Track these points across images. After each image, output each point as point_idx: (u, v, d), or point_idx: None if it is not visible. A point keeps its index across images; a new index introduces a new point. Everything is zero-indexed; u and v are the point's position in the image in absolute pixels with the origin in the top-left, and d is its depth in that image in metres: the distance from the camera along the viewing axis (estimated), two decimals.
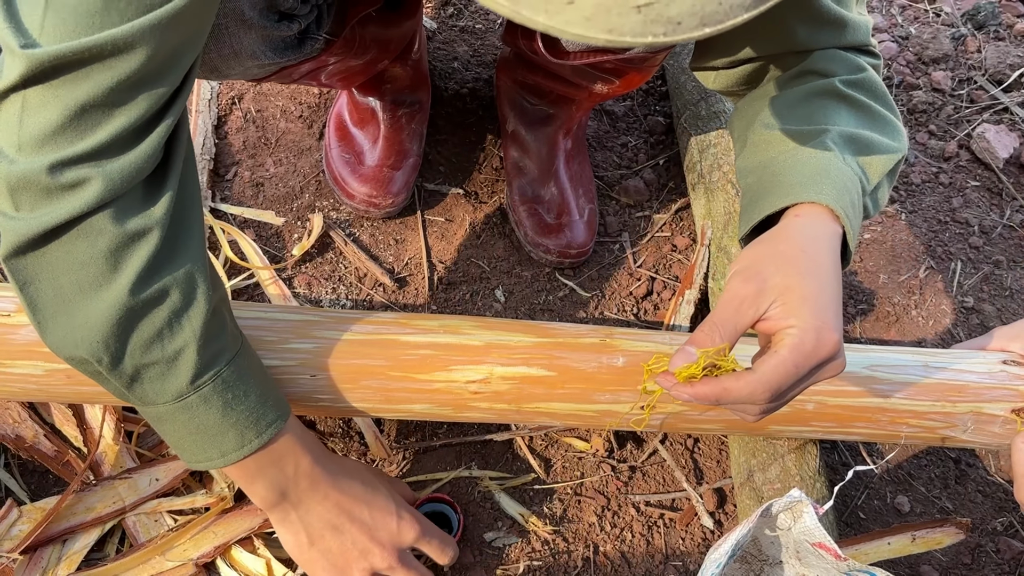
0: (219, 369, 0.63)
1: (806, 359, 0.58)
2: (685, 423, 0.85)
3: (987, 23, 1.53)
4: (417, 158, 1.16)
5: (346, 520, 0.74)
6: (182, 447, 0.66)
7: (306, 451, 0.72)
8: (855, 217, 0.66)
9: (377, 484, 0.78)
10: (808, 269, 0.60)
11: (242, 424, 0.65)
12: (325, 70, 0.90)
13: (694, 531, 0.99)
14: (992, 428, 0.84)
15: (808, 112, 0.72)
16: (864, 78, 0.74)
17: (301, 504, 0.73)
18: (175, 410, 0.63)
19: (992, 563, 1.02)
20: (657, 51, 0.86)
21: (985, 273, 1.25)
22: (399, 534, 0.76)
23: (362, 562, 0.75)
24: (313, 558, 0.75)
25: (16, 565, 0.84)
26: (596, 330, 0.85)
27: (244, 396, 0.65)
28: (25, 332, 0.74)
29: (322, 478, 0.73)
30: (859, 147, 0.69)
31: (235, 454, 0.66)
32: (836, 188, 0.65)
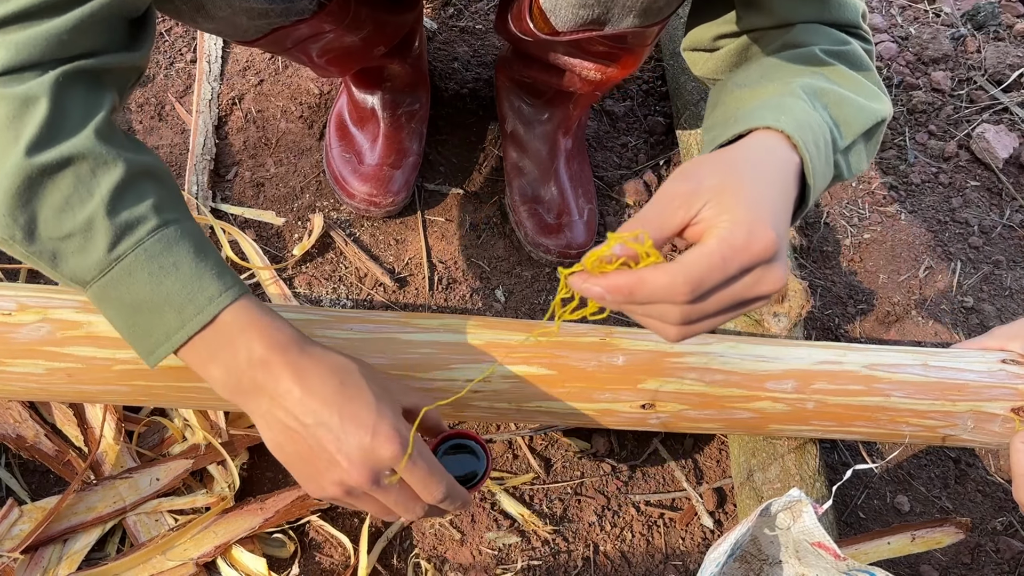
0: (141, 238, 0.60)
1: (735, 253, 0.52)
2: (685, 422, 0.85)
3: (987, 23, 1.54)
4: (417, 157, 1.16)
5: (308, 425, 0.61)
6: (132, 335, 0.63)
7: (262, 336, 0.62)
8: (819, 158, 0.61)
9: (363, 388, 0.63)
10: (750, 174, 0.55)
11: (179, 300, 0.60)
12: (319, 42, 0.89)
13: (694, 531, 0.99)
14: (992, 427, 0.84)
15: (783, 73, 0.70)
16: (847, 50, 0.71)
17: (259, 398, 0.63)
18: (104, 287, 0.60)
19: (992, 563, 1.02)
20: (647, 25, 0.85)
21: (985, 273, 1.25)
22: (371, 451, 0.61)
23: (330, 475, 0.62)
24: (285, 460, 0.66)
25: (17, 564, 0.84)
26: (596, 329, 0.85)
27: (175, 268, 0.60)
28: (26, 331, 0.74)
29: (282, 370, 0.61)
30: (831, 101, 0.65)
31: (179, 335, 0.61)
32: (796, 121, 0.61)
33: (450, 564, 0.94)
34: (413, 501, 0.64)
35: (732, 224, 0.52)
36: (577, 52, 0.95)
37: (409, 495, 0.64)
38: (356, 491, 0.63)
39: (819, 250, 1.25)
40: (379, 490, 0.62)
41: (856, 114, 0.66)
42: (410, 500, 0.64)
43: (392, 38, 1.02)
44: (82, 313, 0.76)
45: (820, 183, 0.62)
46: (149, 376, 0.76)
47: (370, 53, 1.01)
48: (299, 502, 0.92)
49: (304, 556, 0.93)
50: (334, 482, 0.62)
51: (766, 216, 0.53)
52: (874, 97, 0.69)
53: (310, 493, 0.65)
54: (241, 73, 1.28)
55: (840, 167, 0.66)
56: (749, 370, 0.83)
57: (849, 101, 0.66)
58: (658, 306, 0.54)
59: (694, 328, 0.56)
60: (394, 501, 0.63)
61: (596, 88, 1.05)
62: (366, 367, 0.65)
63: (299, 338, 0.64)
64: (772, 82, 0.69)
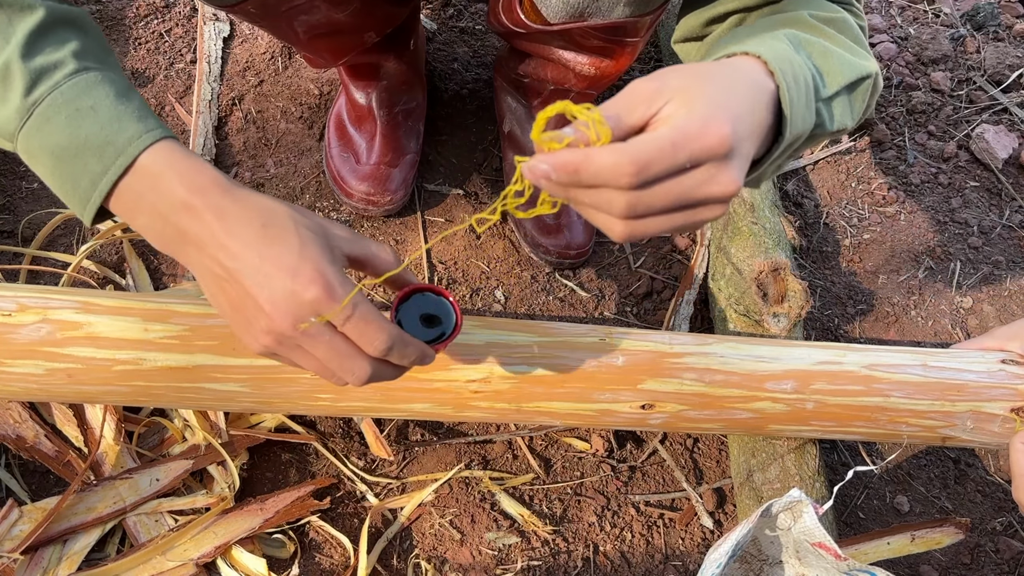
0: (57, 82, 0.58)
1: (686, 140, 0.50)
2: (685, 423, 0.85)
3: (986, 24, 1.54)
4: (415, 155, 1.17)
5: (231, 270, 0.58)
6: (63, 189, 0.61)
7: (183, 179, 0.58)
8: (797, 92, 0.59)
9: (287, 230, 0.58)
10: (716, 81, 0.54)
11: (99, 143, 0.58)
12: (305, 14, 0.88)
13: (694, 531, 0.99)
14: (991, 427, 0.84)
15: (768, 27, 0.69)
16: (837, 17, 0.71)
17: (187, 247, 0.60)
18: (27, 137, 0.59)
19: (991, 563, 1.02)
20: (638, 15, 0.85)
21: (984, 273, 1.25)
22: (292, 294, 0.56)
23: (258, 324, 0.59)
24: (221, 312, 0.62)
25: (17, 565, 0.84)
26: (596, 330, 0.85)
27: (92, 111, 0.58)
28: (26, 331, 0.74)
29: (204, 214, 0.58)
30: (816, 51, 0.64)
31: (103, 181, 0.59)
32: (775, 52, 0.59)
33: (450, 564, 0.94)
34: (353, 355, 0.59)
35: (688, 113, 0.51)
36: (571, 46, 0.95)
37: (347, 347, 0.59)
38: (286, 340, 0.58)
39: (819, 250, 1.25)
40: (308, 339, 0.58)
41: (840, 65, 0.64)
42: (349, 353, 0.59)
43: (383, 24, 1.01)
44: (82, 314, 0.76)
45: (799, 122, 0.60)
46: (149, 376, 0.76)
47: (360, 38, 1.00)
48: (299, 503, 0.92)
49: (304, 556, 0.93)
50: (263, 331, 0.59)
51: (725, 114, 0.51)
52: (861, 56, 0.68)
53: (248, 348, 0.61)
54: (241, 74, 1.28)
55: (822, 115, 0.64)
56: (749, 370, 0.83)
57: (834, 53, 0.65)
58: (604, 193, 0.51)
59: (640, 225, 0.53)
60: (330, 353, 0.58)
61: (592, 84, 1.05)
62: (301, 212, 0.61)
63: (223, 181, 0.60)
64: (754, 35, 0.67)
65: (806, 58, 0.63)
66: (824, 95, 0.63)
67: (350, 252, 0.62)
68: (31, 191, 1.15)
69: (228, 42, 1.31)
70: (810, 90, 0.62)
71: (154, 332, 0.76)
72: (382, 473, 0.99)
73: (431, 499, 0.97)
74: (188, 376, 0.77)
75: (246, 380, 0.78)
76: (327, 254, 0.58)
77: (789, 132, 0.59)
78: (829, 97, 0.64)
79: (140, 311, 0.77)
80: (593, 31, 0.87)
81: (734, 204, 1.11)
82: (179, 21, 1.33)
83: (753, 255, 1.05)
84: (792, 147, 0.63)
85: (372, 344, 0.58)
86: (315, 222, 0.60)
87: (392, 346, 0.59)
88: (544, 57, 1.01)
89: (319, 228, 0.60)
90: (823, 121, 0.64)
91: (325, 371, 0.60)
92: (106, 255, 1.10)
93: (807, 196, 1.31)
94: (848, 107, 0.66)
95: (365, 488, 0.97)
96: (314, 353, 0.59)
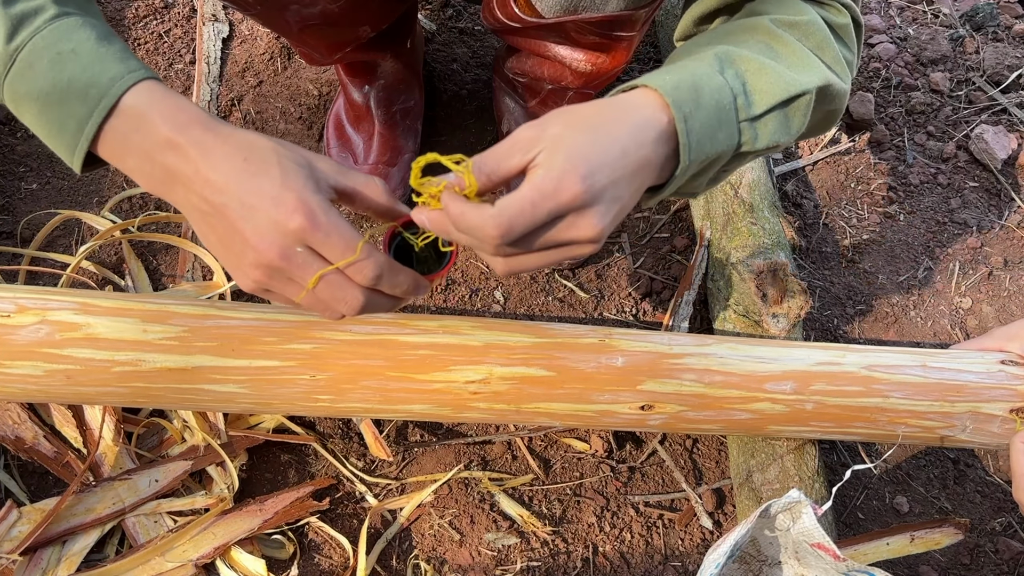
0: (38, 26, 0.59)
1: (542, 199, 0.54)
2: (684, 423, 0.85)
3: (985, 24, 1.54)
4: (413, 155, 1.17)
5: (216, 205, 0.58)
6: (49, 136, 0.61)
7: (165, 117, 0.58)
8: (700, 119, 0.61)
9: (269, 162, 0.58)
10: (590, 126, 0.57)
11: (82, 85, 0.58)
12: (298, 4, 0.87)
13: (693, 532, 0.99)
14: (991, 428, 0.84)
15: (715, 41, 0.70)
16: (801, 21, 0.70)
17: (175, 186, 0.60)
18: (12, 84, 0.59)
19: (991, 563, 1.02)
20: (633, 8, 0.85)
21: (983, 274, 1.25)
22: (275, 223, 0.56)
23: (246, 258, 0.59)
24: (213, 251, 0.62)
25: (16, 566, 0.84)
26: (595, 330, 0.85)
27: (74, 54, 0.58)
28: (25, 333, 0.74)
29: (188, 150, 0.58)
30: (751, 68, 0.65)
31: (89, 124, 0.58)
32: (678, 82, 0.61)
33: (449, 565, 0.94)
34: (344, 284, 0.59)
35: (546, 172, 0.55)
36: (566, 41, 0.95)
37: (337, 277, 0.59)
38: (276, 273, 0.59)
39: (818, 251, 1.25)
40: (297, 269, 0.58)
41: (773, 83, 0.65)
42: (339, 283, 0.59)
43: (378, 19, 1.00)
44: (81, 315, 0.76)
45: (707, 146, 0.62)
46: (148, 378, 0.76)
47: (355, 32, 0.99)
48: (298, 503, 0.92)
49: (303, 557, 0.93)
50: (252, 265, 0.59)
51: (583, 167, 0.55)
52: (805, 70, 0.68)
53: (240, 286, 0.61)
54: (240, 75, 1.28)
55: (744, 135, 0.65)
56: (748, 371, 0.83)
57: (769, 70, 0.65)
58: (478, 242, 0.57)
59: (516, 263, 0.59)
60: (320, 283, 0.58)
61: (588, 82, 1.05)
62: (285, 145, 0.60)
63: (205, 118, 0.60)
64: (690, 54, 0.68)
65: (733, 76, 0.64)
66: (752, 114, 0.64)
67: (336, 184, 0.61)
68: (30, 192, 1.14)
69: (227, 43, 1.31)
70: (727, 112, 0.63)
71: (153, 333, 0.76)
72: (381, 474, 0.99)
73: (430, 500, 0.97)
74: (187, 377, 0.77)
75: (245, 381, 0.78)
76: (311, 184, 0.58)
77: (688, 158, 0.61)
78: (757, 116, 0.65)
79: (139, 312, 0.77)
80: (588, 25, 0.87)
81: (733, 205, 1.11)
82: (178, 22, 1.33)
83: (752, 256, 1.05)
84: (712, 167, 0.66)
85: (361, 273, 0.58)
86: (299, 154, 0.60)
87: (381, 274, 0.59)
88: (540, 54, 1.01)
89: (303, 160, 0.60)
90: (749, 140, 0.65)
91: (318, 303, 0.60)
92: (105, 256, 1.10)
93: (806, 196, 1.31)
94: (783, 124, 0.67)
95: (364, 489, 0.97)
96: (304, 285, 0.59)
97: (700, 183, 0.68)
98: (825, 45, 0.70)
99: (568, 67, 1.00)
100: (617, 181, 0.57)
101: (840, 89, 0.70)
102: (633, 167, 0.58)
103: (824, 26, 0.71)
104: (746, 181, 1.13)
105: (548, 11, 0.85)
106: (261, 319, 0.80)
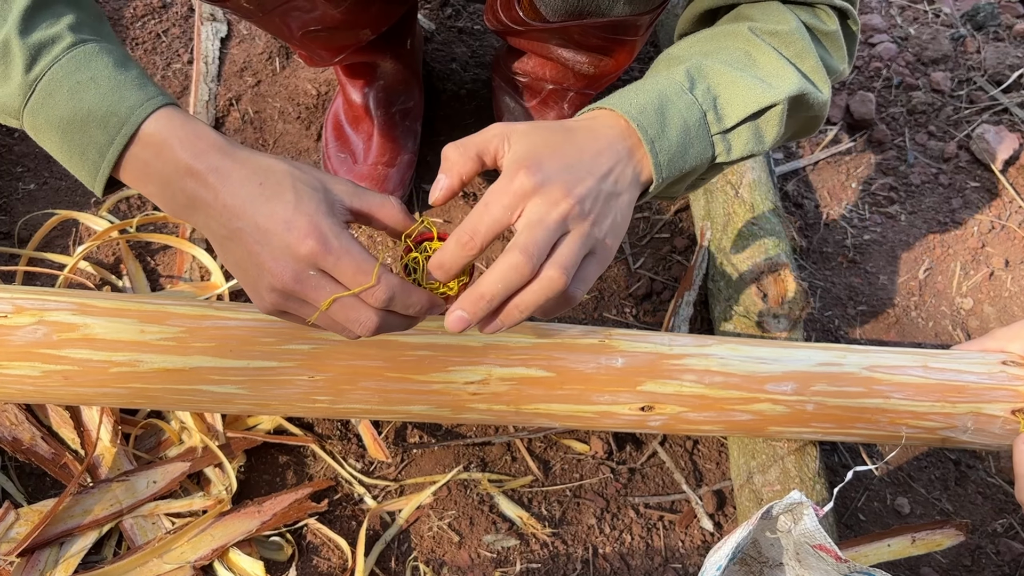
0: (56, 56, 0.59)
1: (495, 195, 0.59)
2: (684, 425, 0.85)
3: (986, 24, 1.53)
4: (412, 156, 1.16)
5: (233, 230, 0.59)
6: (71, 162, 0.62)
7: (184, 144, 0.59)
8: (672, 139, 0.65)
9: (283, 186, 0.60)
10: (569, 154, 0.61)
11: (102, 113, 0.59)
12: (299, 11, 0.87)
13: (693, 533, 0.99)
14: (992, 429, 0.83)
15: (696, 48, 0.72)
16: (781, 30, 0.71)
17: (196, 211, 0.61)
18: (32, 114, 0.60)
19: (992, 565, 1.02)
20: (638, 13, 0.85)
21: (985, 274, 1.25)
22: (288, 248, 0.58)
23: (263, 281, 0.60)
24: (234, 274, 0.64)
25: (13, 568, 0.84)
26: (595, 331, 0.84)
27: (93, 83, 0.59)
28: (22, 334, 0.74)
29: (206, 177, 0.59)
30: (721, 81, 0.67)
31: (111, 151, 0.60)
32: (644, 105, 0.64)
33: (448, 567, 0.93)
34: (357, 306, 0.60)
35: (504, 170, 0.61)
36: (569, 44, 0.95)
37: (350, 299, 0.60)
38: (290, 296, 0.60)
39: (819, 251, 1.25)
40: (311, 291, 0.59)
41: (744, 96, 0.67)
42: (353, 304, 0.60)
43: (378, 22, 1.00)
44: (78, 315, 0.75)
45: (676, 161, 0.65)
46: (146, 379, 0.76)
47: (355, 35, 0.99)
48: (297, 505, 0.91)
49: (302, 559, 0.92)
50: (268, 288, 0.60)
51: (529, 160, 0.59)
52: (780, 79, 0.69)
53: (258, 307, 0.62)
54: (238, 74, 1.27)
55: (718, 147, 0.68)
56: (749, 372, 0.82)
57: (741, 84, 0.67)
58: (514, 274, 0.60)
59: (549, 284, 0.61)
60: (334, 307, 0.60)
61: (589, 84, 1.05)
62: (301, 168, 0.62)
63: (223, 143, 0.61)
64: (667, 66, 0.71)
65: (704, 92, 0.67)
66: (723, 127, 0.67)
67: (351, 206, 0.62)
68: (28, 192, 1.14)
69: (225, 42, 1.31)
70: (696, 128, 0.66)
71: (151, 334, 0.76)
72: (380, 475, 0.99)
73: (429, 501, 0.97)
74: (185, 378, 0.76)
75: (243, 382, 0.77)
76: (324, 207, 0.59)
77: (660, 177, 0.65)
78: (728, 129, 0.68)
79: (137, 313, 0.77)
80: (592, 29, 0.87)
81: (734, 205, 1.11)
82: (176, 21, 1.33)
83: (753, 256, 1.05)
84: (688, 177, 0.69)
85: (373, 296, 0.59)
86: (315, 177, 0.61)
87: (393, 297, 0.60)
88: (542, 56, 1.00)
89: (318, 183, 0.61)
90: (722, 151, 0.68)
91: (333, 324, 0.61)
92: (103, 256, 1.09)
93: (807, 197, 1.31)
94: (756, 135, 0.69)
95: (363, 490, 0.97)
96: (319, 307, 0.60)
97: (678, 190, 0.71)
98: (805, 54, 0.71)
99: (570, 69, 1.00)
100: (572, 166, 0.60)
101: (816, 98, 0.71)
102: (612, 183, 0.62)
103: (806, 35, 0.72)
104: (747, 181, 1.13)
105: (552, 15, 0.84)
106: (259, 320, 0.80)
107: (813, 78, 0.71)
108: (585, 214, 0.59)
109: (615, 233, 0.62)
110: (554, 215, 0.58)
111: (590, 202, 0.60)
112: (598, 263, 0.62)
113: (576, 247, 0.59)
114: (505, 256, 0.57)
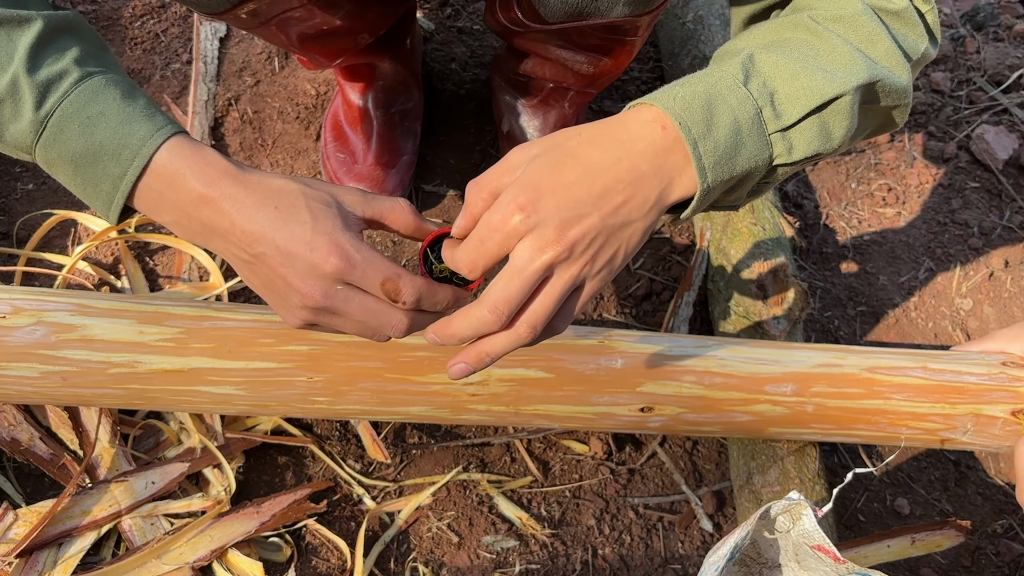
0: (65, 91, 0.60)
1: (489, 231, 0.60)
2: (684, 426, 0.85)
3: (986, 24, 1.53)
4: (412, 156, 1.16)
5: (256, 255, 0.61)
6: (86, 194, 0.63)
7: (195, 173, 0.60)
8: (720, 138, 0.60)
9: (298, 207, 0.61)
10: (567, 166, 0.61)
11: (113, 147, 0.60)
12: (298, 20, 0.87)
13: (693, 534, 0.99)
14: (992, 430, 0.83)
15: (753, 42, 0.67)
16: (846, 14, 0.66)
17: (213, 238, 0.62)
18: (45, 149, 0.61)
19: (992, 566, 1.01)
20: (638, 14, 0.84)
21: (984, 275, 1.25)
22: (314, 268, 0.60)
23: (292, 300, 0.62)
24: (259, 294, 0.65)
25: (12, 569, 0.84)
26: (594, 331, 0.84)
27: (102, 116, 0.60)
28: (21, 334, 0.74)
29: (221, 204, 0.60)
30: (777, 75, 0.63)
31: (124, 182, 0.60)
32: (688, 98, 0.60)
33: (448, 568, 0.93)
34: (386, 310, 0.62)
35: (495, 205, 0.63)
36: (569, 44, 0.95)
37: (378, 305, 0.62)
38: (321, 311, 0.61)
39: (819, 252, 1.25)
40: (341, 305, 0.61)
41: (806, 89, 0.62)
42: (382, 310, 0.62)
43: (377, 25, 1.00)
44: (77, 316, 0.75)
45: (724, 164, 0.61)
46: (144, 379, 0.76)
47: (354, 40, 0.99)
48: (296, 506, 0.91)
49: (300, 560, 0.92)
50: (298, 307, 0.62)
51: (523, 196, 0.60)
52: (846, 68, 0.64)
53: (288, 324, 0.64)
54: (237, 74, 1.27)
55: (776, 147, 0.63)
56: (748, 373, 0.82)
57: (801, 75, 0.62)
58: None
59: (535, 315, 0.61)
60: (364, 313, 0.61)
61: (589, 83, 1.04)
62: (312, 185, 0.63)
63: (234, 169, 0.62)
64: (722, 59, 0.67)
65: (759, 86, 0.62)
66: (782, 125, 0.62)
67: (363, 214, 0.64)
68: (26, 192, 1.14)
69: (224, 42, 1.30)
70: (749, 127, 0.61)
71: (149, 335, 0.76)
72: (379, 476, 0.99)
73: (428, 502, 0.97)
74: (183, 379, 0.76)
75: (242, 383, 0.77)
76: (340, 222, 0.61)
77: (705, 181, 0.60)
78: (789, 126, 0.62)
79: (136, 313, 0.77)
80: (591, 29, 0.87)
81: None
82: (175, 21, 1.32)
83: (753, 256, 1.05)
84: (746, 183, 0.64)
85: (400, 298, 0.62)
86: (326, 192, 0.63)
87: (420, 297, 0.62)
88: (542, 56, 1.00)
89: (330, 198, 0.62)
90: (782, 152, 0.63)
91: (366, 330, 0.63)
92: (102, 256, 1.09)
93: (807, 197, 1.31)
94: (822, 131, 0.63)
95: (362, 491, 0.97)
96: (350, 316, 0.61)
97: (739, 197, 0.66)
98: (875, 38, 0.66)
99: (570, 68, 1.00)
100: (573, 204, 0.59)
101: (894, 84, 0.65)
102: (648, 190, 0.60)
103: (873, 17, 0.66)
104: None
105: (551, 16, 0.84)
106: (258, 320, 0.79)
107: (887, 63, 0.65)
108: (576, 257, 0.59)
109: (613, 265, 0.61)
110: (537, 264, 0.58)
111: (585, 243, 0.59)
112: (586, 295, 0.62)
113: (556, 297, 0.59)
114: (477, 307, 0.59)
